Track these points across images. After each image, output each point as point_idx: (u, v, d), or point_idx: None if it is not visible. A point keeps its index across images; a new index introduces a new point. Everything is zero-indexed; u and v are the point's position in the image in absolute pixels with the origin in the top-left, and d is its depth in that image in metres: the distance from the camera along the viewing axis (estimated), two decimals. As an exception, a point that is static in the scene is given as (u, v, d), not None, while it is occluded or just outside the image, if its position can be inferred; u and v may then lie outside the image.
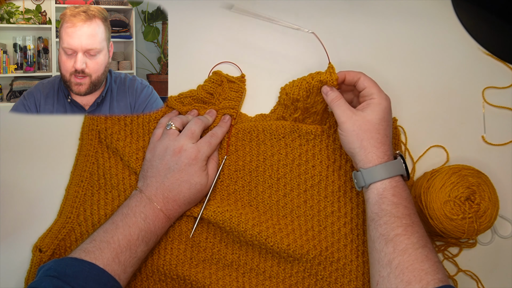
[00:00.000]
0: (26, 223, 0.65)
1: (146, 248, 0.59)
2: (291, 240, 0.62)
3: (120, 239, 0.56)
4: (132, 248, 0.57)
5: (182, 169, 0.61)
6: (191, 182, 0.62)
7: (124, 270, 0.56)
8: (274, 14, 0.76)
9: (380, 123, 0.58)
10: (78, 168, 0.67)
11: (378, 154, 0.57)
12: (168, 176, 0.61)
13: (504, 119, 0.70)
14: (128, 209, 0.60)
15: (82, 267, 0.52)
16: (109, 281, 0.53)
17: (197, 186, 0.62)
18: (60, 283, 0.50)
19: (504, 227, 0.66)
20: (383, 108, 0.58)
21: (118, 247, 0.56)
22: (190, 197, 0.62)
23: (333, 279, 0.62)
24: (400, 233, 0.53)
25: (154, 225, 0.59)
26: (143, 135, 0.68)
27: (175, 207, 0.61)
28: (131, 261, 0.57)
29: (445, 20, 0.76)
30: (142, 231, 0.58)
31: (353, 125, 0.58)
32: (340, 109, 0.59)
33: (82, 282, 0.51)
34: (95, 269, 0.53)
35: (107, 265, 0.54)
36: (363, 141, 0.57)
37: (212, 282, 0.62)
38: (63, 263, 0.53)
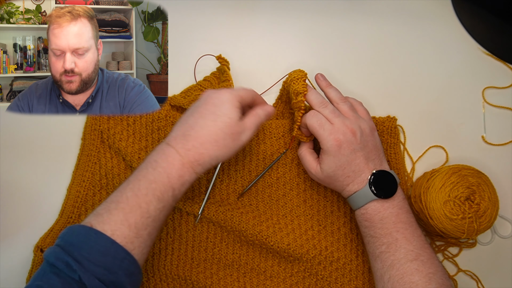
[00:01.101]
0: (28, 223, 0.65)
1: (160, 205, 0.50)
2: (291, 239, 0.62)
3: (129, 197, 0.49)
4: (142, 206, 0.49)
5: (208, 102, 0.54)
6: (217, 113, 0.53)
7: (136, 234, 0.48)
8: (274, 14, 0.76)
9: (335, 172, 0.58)
10: (80, 168, 0.67)
11: (344, 192, 0.60)
12: (194, 113, 0.54)
13: (504, 119, 0.70)
14: (143, 162, 0.53)
15: (88, 236, 0.47)
16: (118, 252, 0.47)
17: (225, 119, 0.53)
18: (61, 253, 0.46)
19: (504, 227, 0.66)
20: (332, 155, 0.57)
21: (127, 206, 0.49)
22: (215, 132, 0.52)
23: (333, 278, 0.62)
24: (384, 250, 0.55)
25: (167, 173, 0.51)
26: (146, 135, 0.68)
27: (196, 145, 0.52)
28: (144, 222, 0.49)
29: (445, 20, 0.76)
30: (152, 183, 0.50)
31: (321, 175, 0.60)
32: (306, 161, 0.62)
33: (85, 253, 0.46)
34: (102, 239, 0.47)
35: (116, 229, 0.48)
36: (331, 186, 0.61)
37: (214, 282, 0.62)
38: (71, 231, 0.49)
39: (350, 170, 0.58)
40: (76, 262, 0.45)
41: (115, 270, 0.47)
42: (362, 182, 0.58)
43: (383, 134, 0.67)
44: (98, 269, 0.46)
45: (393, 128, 0.67)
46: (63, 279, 0.45)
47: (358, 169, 0.58)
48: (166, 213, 0.52)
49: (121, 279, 0.47)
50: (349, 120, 0.58)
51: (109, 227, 0.48)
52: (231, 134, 0.53)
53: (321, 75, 0.64)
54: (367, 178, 0.58)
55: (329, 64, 0.74)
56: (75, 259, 0.45)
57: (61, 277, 0.45)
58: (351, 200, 0.59)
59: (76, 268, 0.45)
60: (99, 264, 0.46)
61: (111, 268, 0.47)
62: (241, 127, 0.55)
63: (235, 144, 0.54)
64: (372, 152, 0.59)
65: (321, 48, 0.75)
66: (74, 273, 0.45)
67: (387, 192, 0.57)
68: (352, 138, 0.57)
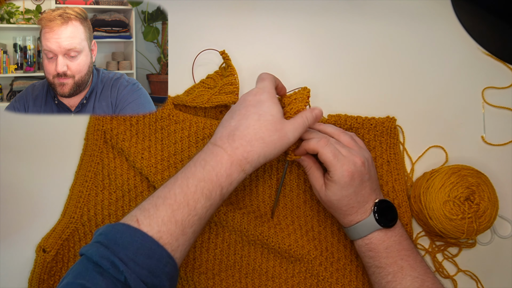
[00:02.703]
0: (30, 223, 0.65)
1: (208, 203, 0.50)
2: (292, 240, 0.62)
3: (177, 193, 0.49)
4: (190, 204, 0.49)
5: (247, 104, 0.54)
6: (259, 113, 0.53)
7: (182, 231, 0.48)
8: (274, 14, 0.76)
9: (340, 201, 0.57)
10: (82, 168, 0.67)
11: (345, 221, 0.59)
12: (234, 116, 0.54)
13: (503, 119, 0.70)
14: (191, 162, 0.53)
15: (134, 237, 0.46)
16: (162, 256, 0.47)
17: (267, 117, 0.53)
18: (106, 252, 0.45)
19: (503, 227, 0.66)
20: (341, 185, 0.56)
21: (175, 202, 0.49)
22: (261, 130, 0.52)
23: (334, 279, 0.62)
24: (390, 280, 0.55)
25: (216, 172, 0.51)
26: (149, 135, 0.68)
27: (243, 143, 0.52)
28: (191, 220, 0.49)
29: (445, 20, 0.76)
30: (201, 181, 0.50)
31: (324, 197, 0.58)
32: (312, 177, 0.60)
33: (131, 254, 0.45)
34: (148, 241, 0.46)
35: (162, 225, 0.47)
36: (330, 210, 0.60)
37: (216, 283, 0.62)
38: (115, 229, 0.47)
39: (356, 201, 0.57)
40: (122, 262, 0.44)
41: (158, 274, 0.46)
42: (366, 212, 0.57)
43: (382, 135, 0.67)
44: (143, 271, 0.45)
45: (392, 128, 0.67)
46: (107, 279, 0.44)
47: (363, 199, 0.57)
48: (212, 212, 0.52)
49: (163, 283, 0.47)
50: (354, 150, 0.58)
51: (155, 223, 0.47)
52: (276, 130, 0.53)
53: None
54: (370, 208, 0.57)
55: (329, 64, 0.74)
56: (121, 260, 0.45)
57: (106, 277, 0.44)
58: (353, 230, 0.58)
59: (123, 269, 0.44)
60: (144, 267, 0.45)
61: (155, 271, 0.46)
62: (285, 125, 0.54)
63: (282, 141, 0.54)
64: (375, 182, 0.59)
65: (321, 48, 0.75)
66: (120, 274, 0.44)
67: (390, 220, 0.57)
68: (362, 168, 0.57)
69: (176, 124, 0.67)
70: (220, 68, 0.71)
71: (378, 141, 0.67)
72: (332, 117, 0.66)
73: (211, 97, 0.66)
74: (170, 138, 0.67)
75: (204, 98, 0.67)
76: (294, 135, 0.55)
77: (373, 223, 0.57)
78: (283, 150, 0.55)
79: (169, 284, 0.48)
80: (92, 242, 0.48)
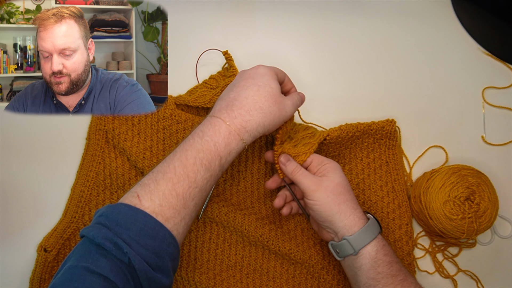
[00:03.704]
0: (31, 222, 0.65)
1: (207, 174, 0.50)
2: (293, 245, 0.62)
3: (176, 166, 0.49)
4: (190, 176, 0.49)
5: (246, 77, 0.55)
6: (259, 84, 0.53)
7: (184, 205, 0.48)
8: (274, 14, 0.76)
9: (348, 184, 0.57)
10: (84, 167, 0.67)
11: (358, 215, 0.55)
12: (234, 88, 0.54)
13: (504, 119, 0.70)
14: (189, 134, 0.52)
15: (136, 218, 0.46)
16: (165, 237, 0.46)
17: (267, 88, 0.53)
18: (109, 234, 0.44)
19: (503, 227, 0.66)
20: (341, 169, 0.57)
21: (175, 176, 0.48)
22: (260, 100, 0.52)
23: (336, 281, 0.62)
24: None
25: (214, 142, 0.50)
26: (151, 135, 0.68)
27: (242, 113, 0.52)
28: (192, 192, 0.49)
29: (445, 20, 0.76)
30: (200, 152, 0.50)
31: (326, 191, 0.55)
32: (306, 178, 0.56)
33: (134, 235, 0.44)
34: (151, 222, 0.46)
35: (163, 199, 0.47)
36: (341, 205, 0.55)
37: (217, 283, 0.62)
38: (116, 210, 0.46)
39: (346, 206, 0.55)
40: (125, 244, 0.44)
41: (162, 255, 0.46)
42: (362, 217, 0.55)
43: (382, 138, 0.66)
44: (147, 252, 0.45)
45: (392, 131, 0.66)
46: (111, 261, 0.43)
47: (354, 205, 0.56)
48: (212, 183, 0.51)
49: (166, 263, 0.46)
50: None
51: (156, 197, 0.47)
52: (276, 103, 0.54)
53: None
54: (361, 213, 0.56)
55: (329, 64, 0.74)
56: (124, 241, 0.44)
57: (109, 259, 0.43)
58: (371, 226, 0.54)
59: (127, 250, 0.43)
60: (148, 248, 0.45)
61: (158, 252, 0.46)
62: (284, 99, 0.55)
63: (281, 113, 0.54)
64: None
65: (321, 48, 0.75)
66: (124, 255, 0.44)
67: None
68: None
69: (178, 124, 0.66)
70: (222, 68, 0.71)
71: (377, 143, 0.66)
72: (334, 132, 0.63)
73: (213, 97, 0.67)
74: (172, 138, 0.67)
75: (206, 98, 0.67)
76: (291, 111, 0.56)
77: (376, 222, 0.56)
78: (281, 124, 0.55)
79: (172, 265, 0.48)
80: (92, 223, 0.47)
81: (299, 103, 0.58)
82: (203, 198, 0.51)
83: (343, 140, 0.64)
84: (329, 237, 0.57)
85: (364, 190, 0.65)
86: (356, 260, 0.54)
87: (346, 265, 0.56)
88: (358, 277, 0.54)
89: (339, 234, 0.55)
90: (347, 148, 0.66)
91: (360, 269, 0.53)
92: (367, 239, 0.53)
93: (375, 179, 0.66)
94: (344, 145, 0.65)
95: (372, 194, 0.65)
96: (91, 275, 0.42)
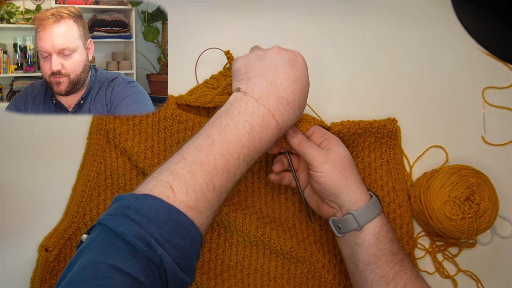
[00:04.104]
0: (32, 222, 0.65)
1: (246, 169, 0.48)
2: (294, 242, 0.62)
3: (217, 159, 0.45)
4: (230, 170, 0.46)
5: (291, 65, 0.51)
6: (303, 81, 0.51)
7: (218, 198, 0.46)
8: (274, 14, 0.76)
9: (352, 159, 0.56)
10: (85, 167, 0.67)
11: (364, 190, 0.54)
12: (278, 72, 0.50)
13: (504, 119, 0.70)
14: (228, 119, 0.48)
15: (170, 215, 0.42)
16: (196, 236, 0.43)
17: (307, 88, 0.52)
18: (142, 232, 0.40)
19: (503, 227, 0.66)
20: (342, 143, 0.57)
21: (214, 169, 0.45)
22: (302, 100, 0.51)
23: (337, 281, 0.62)
24: (399, 269, 0.52)
25: (261, 138, 0.48)
26: (152, 135, 0.68)
27: (289, 110, 0.49)
28: (228, 186, 0.46)
29: (445, 20, 0.76)
30: (245, 147, 0.46)
31: (333, 163, 0.54)
32: (314, 149, 0.54)
33: (166, 234, 0.41)
34: (184, 220, 0.43)
35: (200, 193, 0.44)
36: (348, 179, 0.54)
37: (218, 283, 0.62)
38: (147, 204, 0.42)
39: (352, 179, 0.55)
40: (158, 244, 0.41)
41: (190, 255, 0.43)
42: (367, 192, 0.55)
43: (383, 137, 0.66)
44: (178, 253, 0.42)
45: (393, 130, 0.66)
46: (142, 261, 0.40)
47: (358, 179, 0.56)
48: (245, 175, 0.50)
49: (193, 263, 0.44)
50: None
51: (193, 191, 0.44)
52: (306, 100, 0.53)
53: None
54: (365, 188, 0.56)
55: (329, 64, 0.74)
56: (156, 241, 0.41)
57: (140, 258, 0.40)
58: (375, 202, 0.54)
59: (161, 253, 0.40)
60: (179, 248, 0.42)
61: (187, 252, 0.43)
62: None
63: (306, 98, 0.53)
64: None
65: (321, 48, 0.75)
66: (157, 257, 0.41)
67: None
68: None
69: (179, 124, 0.67)
70: (224, 68, 0.71)
71: (379, 142, 0.66)
72: (336, 126, 0.63)
73: (214, 97, 0.66)
74: (173, 138, 0.67)
75: (208, 98, 0.67)
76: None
77: (378, 200, 0.55)
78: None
79: (196, 263, 0.46)
80: (116, 213, 0.42)
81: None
82: (234, 191, 0.49)
83: (345, 137, 0.64)
84: (331, 212, 0.56)
85: (364, 190, 0.66)
86: (358, 236, 0.53)
87: (345, 242, 0.55)
88: (358, 254, 0.53)
89: (344, 209, 0.54)
90: (349, 146, 0.66)
91: (361, 245, 0.53)
92: (372, 214, 0.53)
93: (376, 178, 0.66)
94: (346, 143, 0.65)
95: (373, 194, 0.65)
96: (119, 274, 0.39)
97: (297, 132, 0.56)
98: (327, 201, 0.56)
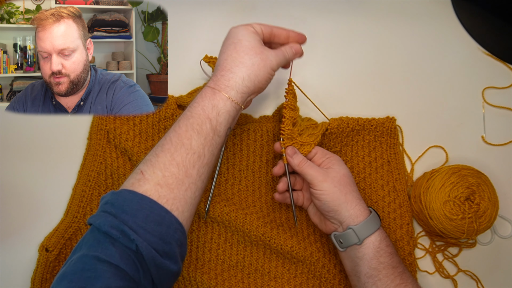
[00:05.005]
0: (33, 222, 0.65)
1: (201, 138, 0.51)
2: (294, 242, 0.62)
3: (172, 137, 0.50)
4: (184, 143, 0.50)
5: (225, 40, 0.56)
6: (235, 42, 0.54)
7: (186, 173, 0.49)
8: (275, 14, 0.76)
9: (351, 176, 0.59)
10: (85, 167, 0.67)
11: (363, 205, 0.57)
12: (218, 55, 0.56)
13: (504, 119, 0.70)
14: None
15: (142, 204, 0.46)
16: (172, 222, 0.47)
17: (244, 43, 0.54)
18: (115, 221, 0.44)
19: (503, 227, 0.66)
20: (343, 162, 0.60)
21: (171, 146, 0.49)
22: (239, 56, 0.54)
23: (337, 281, 0.62)
24: (399, 282, 0.53)
25: (201, 106, 0.52)
26: (152, 135, 0.68)
27: (224, 73, 0.53)
28: (190, 159, 0.49)
29: (445, 20, 0.76)
30: (189, 118, 0.51)
31: (333, 181, 0.56)
32: (313, 169, 0.57)
33: (140, 221, 0.45)
34: (156, 208, 0.46)
35: (165, 169, 0.48)
36: (347, 195, 0.56)
37: (218, 283, 0.62)
38: (121, 197, 0.47)
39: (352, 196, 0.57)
40: (132, 231, 0.44)
41: (169, 241, 0.46)
42: (366, 208, 0.57)
43: (383, 135, 0.67)
44: (154, 238, 0.45)
45: (392, 128, 0.67)
46: (119, 248, 0.44)
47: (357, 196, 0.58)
48: (210, 149, 0.51)
49: (174, 249, 0.47)
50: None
51: (158, 168, 0.48)
52: (256, 54, 0.54)
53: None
54: (365, 203, 0.57)
55: (329, 64, 0.74)
56: (130, 228, 0.44)
57: (117, 247, 0.44)
58: (374, 217, 0.56)
59: (134, 237, 0.44)
60: (155, 234, 0.45)
61: (165, 238, 0.46)
62: (265, 49, 0.55)
63: (265, 64, 0.54)
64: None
65: (321, 48, 0.75)
66: (131, 242, 0.44)
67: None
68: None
69: None
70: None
71: (379, 141, 0.67)
72: (334, 121, 0.65)
73: None
74: None
75: None
76: (276, 60, 0.55)
77: (377, 215, 0.57)
78: (270, 75, 0.55)
79: (179, 251, 0.48)
80: (99, 211, 0.47)
81: (289, 54, 0.58)
82: (205, 166, 0.51)
83: (344, 133, 0.65)
84: (332, 228, 0.58)
85: (365, 189, 0.66)
86: (359, 250, 0.55)
87: (347, 256, 0.57)
88: (359, 267, 0.55)
89: (344, 224, 0.56)
90: (348, 145, 0.66)
91: (362, 258, 0.55)
92: (372, 229, 0.55)
93: (377, 178, 0.66)
94: (345, 141, 0.66)
95: (373, 193, 0.65)
96: (102, 264, 0.42)
97: (296, 153, 0.59)
98: (328, 217, 0.58)
